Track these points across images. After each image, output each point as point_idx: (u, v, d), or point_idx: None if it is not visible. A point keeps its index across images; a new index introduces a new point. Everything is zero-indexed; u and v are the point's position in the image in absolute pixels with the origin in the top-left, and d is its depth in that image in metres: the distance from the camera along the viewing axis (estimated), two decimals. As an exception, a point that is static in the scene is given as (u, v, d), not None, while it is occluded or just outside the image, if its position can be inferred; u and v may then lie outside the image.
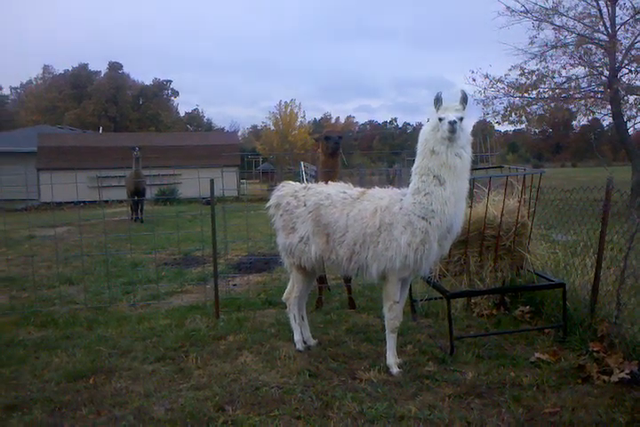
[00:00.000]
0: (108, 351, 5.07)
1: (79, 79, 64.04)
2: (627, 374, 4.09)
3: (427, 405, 3.86)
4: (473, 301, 6.02)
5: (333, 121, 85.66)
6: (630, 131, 19.68)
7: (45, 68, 68.51)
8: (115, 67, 65.57)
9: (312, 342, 5.16)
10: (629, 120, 18.73)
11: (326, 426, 3.59)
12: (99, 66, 68.87)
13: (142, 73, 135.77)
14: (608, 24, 17.62)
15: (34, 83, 69.56)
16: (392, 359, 4.51)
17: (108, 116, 61.58)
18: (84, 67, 66.22)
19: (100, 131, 47.36)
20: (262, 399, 4.00)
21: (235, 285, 7.92)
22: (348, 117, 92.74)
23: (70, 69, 66.05)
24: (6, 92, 72.66)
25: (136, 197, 16.67)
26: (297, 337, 5.06)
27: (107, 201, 20.14)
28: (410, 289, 5.35)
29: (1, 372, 4.64)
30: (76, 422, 3.73)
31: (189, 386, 4.29)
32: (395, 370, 4.44)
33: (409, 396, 4.02)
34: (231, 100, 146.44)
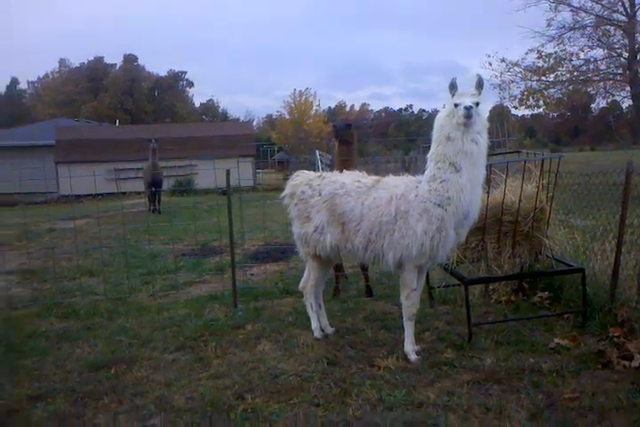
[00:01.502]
0: (129, 341, 5.14)
1: (95, 72, 64.48)
2: (647, 359, 4.05)
3: (445, 391, 3.85)
4: (491, 287, 5.98)
5: (348, 109, 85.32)
6: (650, 113, 19.31)
7: (61, 61, 69.06)
8: (130, 59, 65.89)
9: (330, 330, 5.17)
10: (649, 102, 18.39)
11: (345, 413, 3.61)
12: (114, 59, 69.14)
13: (157, 65, 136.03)
14: (627, 4, 17.26)
15: (50, 76, 70.11)
16: (410, 347, 4.51)
17: (123, 108, 61.99)
18: (99, 60, 66.64)
19: (117, 123, 47.74)
20: (281, 387, 4.03)
21: (252, 274, 7.97)
22: (363, 105, 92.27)
23: (86, 62, 66.56)
24: (23, 86, 73.51)
25: (153, 189, 16.79)
26: (314, 325, 5.08)
27: (124, 193, 20.31)
28: (427, 276, 5.34)
29: (24, 363, 4.73)
30: (98, 412, 3.79)
31: (209, 375, 4.33)
32: (413, 357, 4.44)
33: (427, 383, 4.02)
34: (245, 90, 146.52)
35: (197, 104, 77.78)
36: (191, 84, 72.37)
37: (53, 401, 3.97)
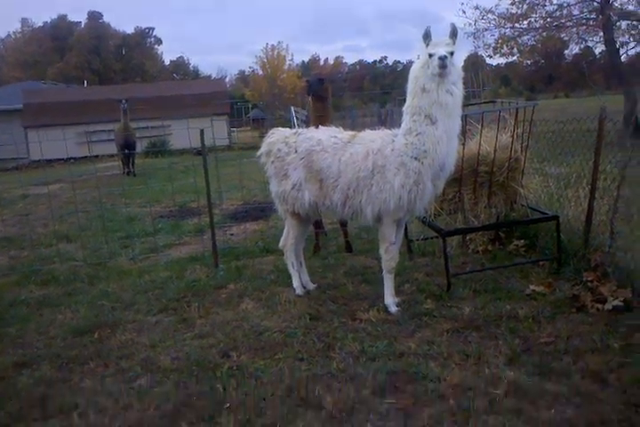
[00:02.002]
0: (111, 305, 5.14)
1: (59, 31, 62.06)
2: (620, 301, 4.17)
3: (425, 341, 3.95)
4: (468, 238, 6.06)
5: (322, 63, 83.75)
6: (623, 58, 19.32)
7: (23, 21, 66.19)
8: (94, 16, 63.45)
9: (311, 286, 5.23)
10: (622, 47, 18.39)
11: (329, 366, 3.68)
12: (78, 16, 66.64)
13: (123, 22, 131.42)
14: (600, -55, 16.94)
15: (12, 37, 67.34)
16: (390, 299, 4.59)
17: (91, 68, 60.08)
18: (63, 18, 64.03)
19: (85, 84, 46.34)
20: (265, 344, 4.09)
21: (232, 234, 7.96)
22: (337, 58, 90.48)
23: (49, 21, 63.93)
24: (-16, 48, 70.53)
25: (126, 151, 16.47)
26: (296, 283, 5.12)
27: (97, 156, 19.97)
28: (405, 229, 5.38)
29: (7, 331, 4.71)
30: (84, 376, 3.82)
31: (193, 335, 4.37)
32: (393, 309, 4.52)
33: (408, 333, 4.11)
34: (215, 46, 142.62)
35: (167, 62, 75.65)
36: (160, 42, 70.24)
37: (38, 367, 3.99)
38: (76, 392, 3.60)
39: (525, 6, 18.05)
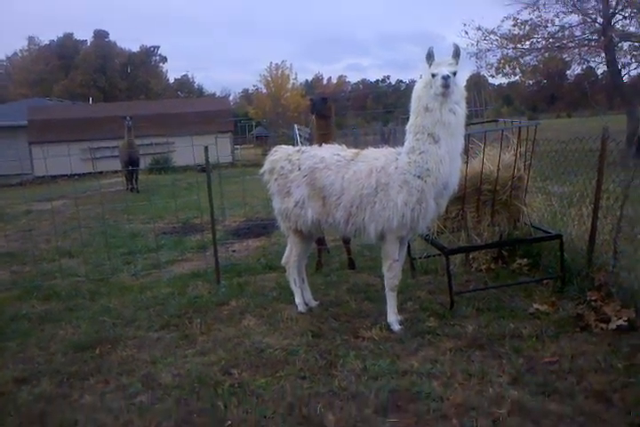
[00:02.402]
0: (112, 321, 5.13)
1: (65, 49, 62.74)
2: (624, 321, 4.14)
3: (428, 359, 3.92)
4: (471, 256, 6.05)
5: (325, 82, 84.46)
6: (625, 78, 19.46)
7: (30, 39, 66.94)
8: (100, 35, 64.14)
9: (313, 303, 5.21)
10: (624, 67, 18.55)
11: (331, 384, 3.65)
12: (84, 35, 67.48)
13: (129, 40, 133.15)
14: (601, -31, 17.18)
15: (20, 55, 68.08)
16: (393, 317, 4.57)
17: (96, 86, 60.60)
18: (69, 36, 64.77)
19: (90, 101, 46.72)
20: (267, 361, 4.07)
21: (234, 251, 7.96)
22: (340, 77, 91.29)
23: (55, 40, 64.67)
24: (-9, 66, 71.29)
25: (130, 167, 16.56)
26: (298, 299, 5.11)
27: (101, 172, 20.03)
28: (408, 247, 5.37)
29: (7, 346, 4.70)
30: (84, 392, 3.80)
31: (195, 352, 4.35)
32: (396, 327, 4.50)
33: (411, 351, 4.08)
34: (220, 65, 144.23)
35: (172, 80, 76.27)
36: (164, 60, 70.84)
37: (39, 383, 3.96)
38: (76, 409, 3.58)
39: (527, 27, 18.26)
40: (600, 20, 17.56)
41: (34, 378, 4.05)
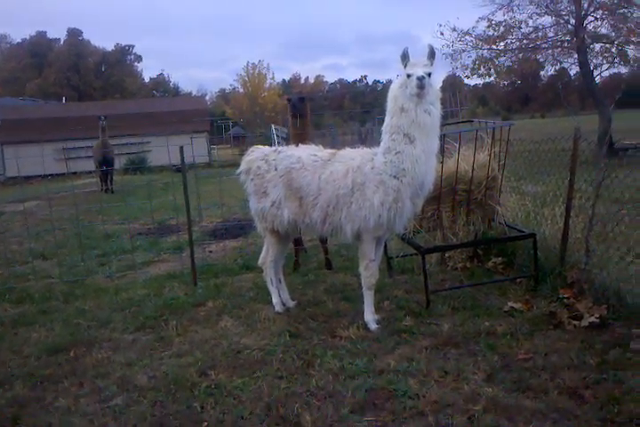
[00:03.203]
0: (87, 324, 5.06)
1: (38, 48, 61.79)
2: (596, 318, 4.22)
3: (405, 358, 3.95)
4: (447, 255, 6.10)
5: (303, 81, 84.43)
6: (597, 79, 19.79)
7: (2, 37, 65.93)
8: (74, 33, 63.30)
9: (291, 303, 5.21)
10: (596, 68, 18.83)
11: (308, 384, 3.66)
12: (57, 33, 66.58)
13: (103, 39, 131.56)
14: (573, -29, 17.45)
15: (-9, 53, 66.94)
16: (370, 316, 4.59)
17: (70, 84, 59.84)
18: (42, 34, 63.83)
19: (64, 100, 46.06)
20: (244, 362, 4.06)
21: (211, 251, 7.91)
22: (318, 77, 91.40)
23: (28, 38, 63.62)
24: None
25: (104, 168, 16.36)
26: (275, 300, 5.10)
27: (75, 173, 19.75)
28: (385, 247, 5.40)
29: (-21, 350, 4.61)
30: (58, 395, 3.74)
31: (171, 353, 4.32)
32: (373, 326, 4.52)
33: (388, 350, 4.11)
34: (196, 64, 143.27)
35: (147, 79, 75.71)
36: (140, 59, 70.33)
37: (11, 387, 3.91)
38: (50, 412, 3.53)
39: (502, 28, 18.45)
40: (572, 21, 17.84)
41: (6, 382, 3.98)
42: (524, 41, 18.66)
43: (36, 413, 3.53)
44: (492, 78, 22.10)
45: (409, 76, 4.14)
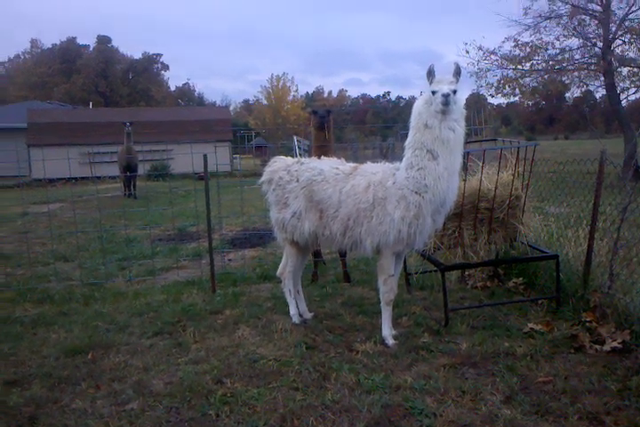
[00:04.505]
0: (106, 327, 5.11)
1: (68, 53, 63.00)
2: (618, 343, 4.15)
3: (422, 375, 3.91)
4: (467, 273, 6.07)
5: (326, 95, 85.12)
6: (623, 102, 19.63)
7: (33, 42, 67.48)
8: (103, 40, 64.51)
9: (308, 315, 5.20)
10: (622, 92, 18.68)
11: (323, 397, 3.64)
12: (87, 40, 67.98)
13: (131, 47, 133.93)
14: (602, -6, 17.42)
15: (22, 58, 68.38)
16: (387, 331, 4.57)
17: (97, 91, 60.87)
18: (72, 41, 65.10)
19: (91, 106, 46.80)
20: (260, 372, 4.05)
21: (230, 260, 7.95)
22: (341, 91, 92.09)
23: (58, 44, 64.95)
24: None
25: (128, 173, 16.57)
26: (292, 311, 5.10)
27: (99, 177, 20.01)
28: (404, 262, 5.39)
29: (-1, 348, 4.67)
30: (75, 397, 3.77)
31: (187, 360, 4.33)
32: (390, 342, 4.50)
33: (404, 367, 4.08)
34: (219, 74, 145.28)
35: (173, 88, 76.78)
36: (166, 68, 71.23)
37: (29, 386, 3.94)
38: (67, 413, 3.55)
39: (528, 49, 18.43)
40: (600, 44, 17.77)
41: (25, 381, 4.02)
42: (550, 62, 18.60)
43: (53, 413, 3.56)
44: (516, 98, 22.04)
45: (434, 92, 4.15)
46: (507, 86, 19.51)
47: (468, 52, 18.76)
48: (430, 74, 4.23)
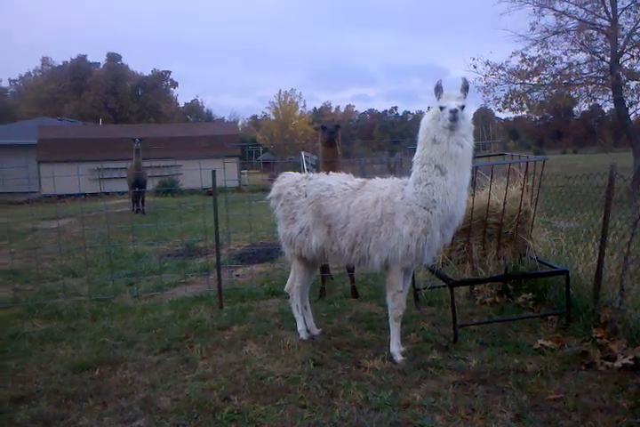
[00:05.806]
0: (113, 343, 5.10)
1: (78, 71, 63.76)
2: (630, 359, 4.09)
3: (431, 392, 3.87)
4: (476, 288, 6.02)
5: (333, 110, 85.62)
6: (632, 117, 19.57)
7: (44, 59, 68.41)
8: (113, 58, 65.26)
9: (316, 331, 5.17)
10: (631, 106, 18.63)
11: (331, 414, 3.61)
12: (97, 57, 68.83)
13: (141, 64, 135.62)
14: (609, 9, 17.46)
15: (33, 75, 69.36)
16: (396, 348, 4.53)
17: (107, 107, 61.46)
18: (82, 58, 65.93)
19: (100, 122, 47.28)
20: (267, 389, 4.02)
21: (238, 275, 7.95)
22: (348, 106, 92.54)
23: (69, 61, 65.84)
24: (5, 84, 72.52)
25: (137, 189, 16.65)
26: (300, 327, 5.08)
27: (108, 193, 20.11)
28: (413, 278, 5.36)
29: (7, 364, 4.67)
30: (82, 414, 3.75)
31: (195, 376, 4.31)
32: (399, 358, 4.45)
33: (413, 384, 4.03)
34: (228, 90, 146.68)
35: (182, 104, 77.42)
36: (175, 85, 71.86)
37: (37, 403, 3.93)
38: (73, 431, 3.53)
39: (536, 64, 18.47)
40: (608, 58, 17.78)
41: (32, 398, 4.01)
42: (558, 77, 18.62)
43: (60, 430, 3.54)
44: (524, 113, 22.04)
45: (442, 108, 4.16)
46: (514, 101, 19.54)
47: (475, 67, 18.82)
48: (438, 89, 4.25)
